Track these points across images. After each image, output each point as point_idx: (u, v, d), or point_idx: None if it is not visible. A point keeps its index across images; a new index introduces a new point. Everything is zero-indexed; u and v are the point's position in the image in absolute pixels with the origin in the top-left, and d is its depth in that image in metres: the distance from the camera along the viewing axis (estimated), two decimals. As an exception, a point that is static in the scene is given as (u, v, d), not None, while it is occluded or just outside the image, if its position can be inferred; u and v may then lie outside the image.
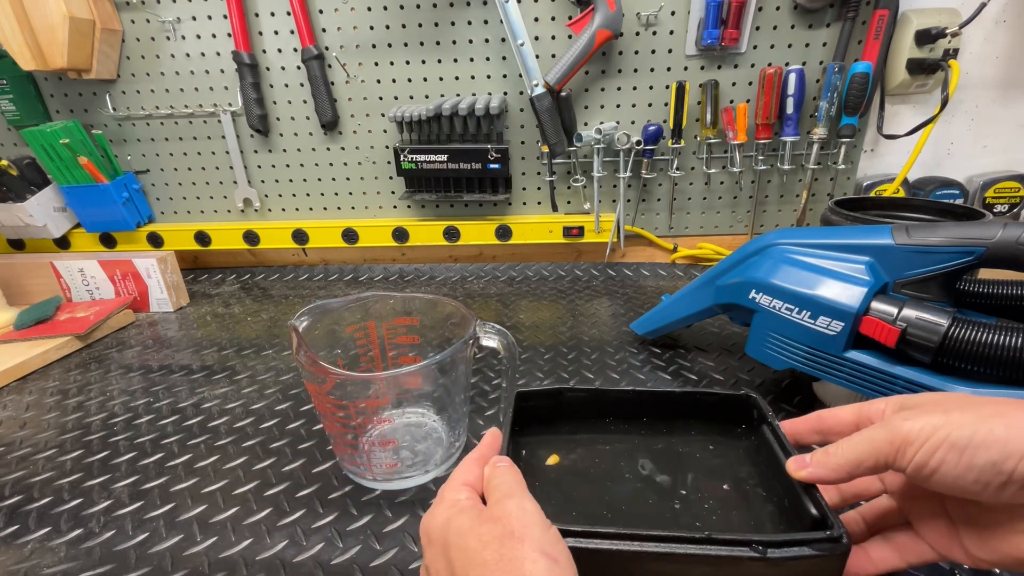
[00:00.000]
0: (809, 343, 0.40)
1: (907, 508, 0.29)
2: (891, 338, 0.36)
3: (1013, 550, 0.24)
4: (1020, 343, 0.33)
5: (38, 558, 0.36)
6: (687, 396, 0.40)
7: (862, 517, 0.31)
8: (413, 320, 0.46)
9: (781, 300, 0.40)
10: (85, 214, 0.84)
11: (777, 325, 0.41)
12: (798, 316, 0.39)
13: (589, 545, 0.28)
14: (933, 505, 0.28)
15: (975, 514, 0.25)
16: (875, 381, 0.38)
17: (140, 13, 0.76)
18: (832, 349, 0.39)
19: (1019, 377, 0.33)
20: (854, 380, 0.39)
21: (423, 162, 0.77)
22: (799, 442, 0.32)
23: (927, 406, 0.25)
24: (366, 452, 0.41)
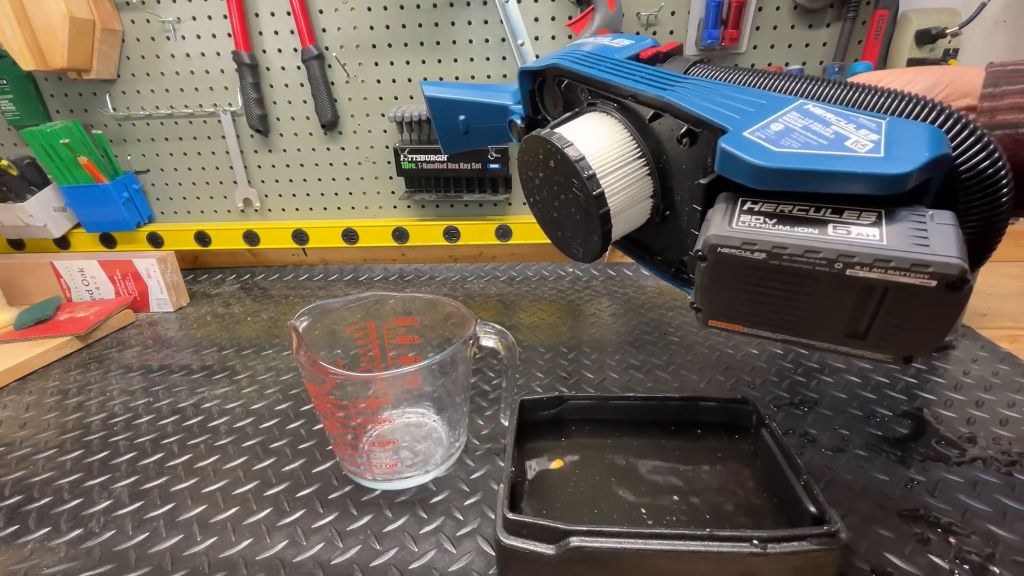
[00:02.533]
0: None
1: None
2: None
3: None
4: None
5: (38, 558, 0.36)
6: (687, 402, 0.41)
7: None
8: (413, 320, 0.46)
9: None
10: (85, 214, 0.84)
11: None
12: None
13: (594, 544, 0.28)
14: None
15: None
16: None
17: (140, 13, 0.76)
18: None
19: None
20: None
21: (423, 162, 0.77)
22: None
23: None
24: (366, 452, 0.41)
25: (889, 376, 0.52)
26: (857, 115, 0.24)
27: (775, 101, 0.26)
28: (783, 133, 0.24)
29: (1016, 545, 0.33)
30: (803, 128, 0.24)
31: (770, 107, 0.25)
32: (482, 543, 0.35)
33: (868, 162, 0.22)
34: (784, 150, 0.23)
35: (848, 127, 0.23)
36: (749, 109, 0.26)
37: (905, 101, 0.25)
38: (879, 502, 0.37)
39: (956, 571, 0.32)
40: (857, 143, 0.23)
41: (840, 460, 0.41)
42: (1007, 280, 0.75)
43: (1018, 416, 0.46)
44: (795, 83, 0.28)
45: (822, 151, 0.23)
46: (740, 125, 0.25)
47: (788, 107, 0.25)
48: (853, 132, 0.23)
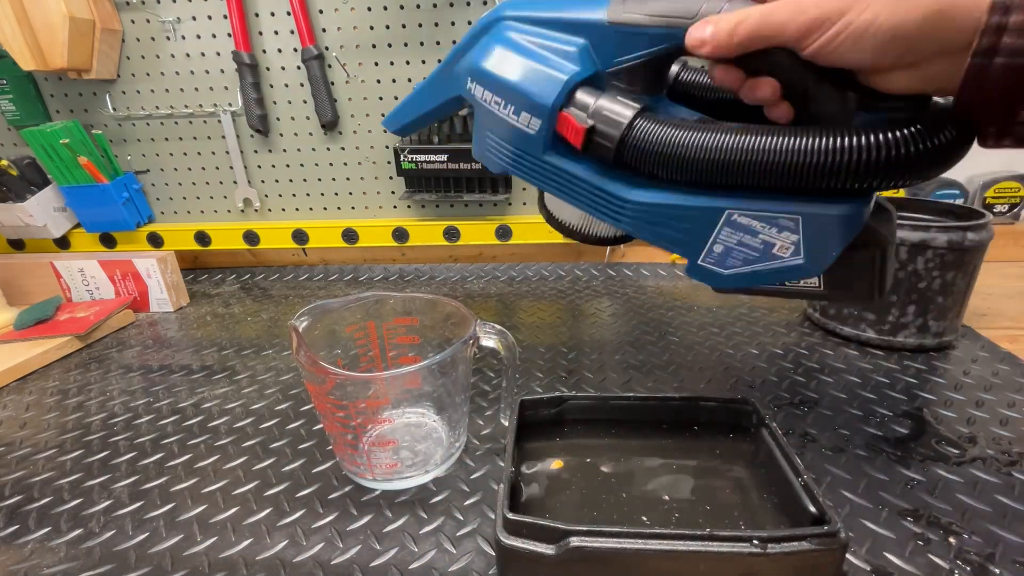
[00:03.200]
0: (515, 144, 0.34)
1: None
2: (578, 138, 0.30)
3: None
4: (700, 141, 0.28)
5: (38, 558, 0.36)
6: (687, 402, 0.41)
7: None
8: (413, 320, 0.46)
9: (491, 92, 0.33)
10: (85, 214, 0.84)
11: (489, 123, 0.34)
12: (504, 112, 0.33)
13: (594, 544, 0.28)
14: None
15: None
16: (573, 186, 0.33)
17: (140, 13, 0.76)
18: (533, 151, 0.33)
19: (693, 178, 0.29)
20: (556, 186, 0.34)
21: (423, 162, 0.77)
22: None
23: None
24: (366, 452, 0.41)
25: (889, 376, 0.52)
26: (777, 218, 0.28)
27: (707, 217, 0.30)
28: (725, 254, 0.30)
29: (1016, 545, 0.33)
30: (738, 244, 0.30)
31: (706, 227, 0.30)
32: (482, 543, 0.35)
33: (793, 270, 0.29)
34: (731, 271, 0.31)
35: (772, 232, 0.29)
36: (693, 234, 0.31)
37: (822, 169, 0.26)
38: (879, 502, 0.37)
39: (956, 571, 0.32)
40: (782, 248, 0.29)
41: (840, 460, 0.41)
42: (1007, 280, 0.75)
43: (1018, 416, 0.46)
44: (731, 157, 0.28)
45: (759, 265, 0.30)
46: (693, 255, 0.31)
47: (720, 224, 0.30)
48: (776, 237, 0.29)
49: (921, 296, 0.53)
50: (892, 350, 0.56)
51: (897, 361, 0.55)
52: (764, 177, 0.27)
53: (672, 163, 0.29)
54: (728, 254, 0.30)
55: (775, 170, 0.26)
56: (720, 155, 0.27)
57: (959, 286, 0.53)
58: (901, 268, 0.52)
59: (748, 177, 0.27)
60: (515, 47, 0.33)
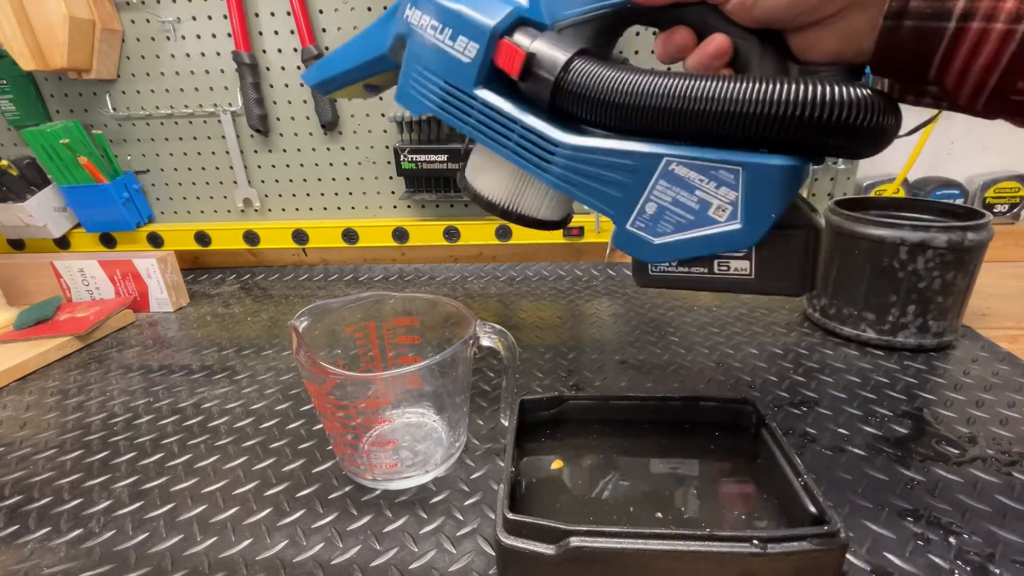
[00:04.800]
0: (445, 75, 0.32)
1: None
2: (516, 64, 0.29)
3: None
4: (643, 84, 0.27)
5: (38, 558, 0.36)
6: (687, 402, 0.41)
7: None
8: (413, 320, 0.46)
9: (429, 15, 0.32)
10: (85, 214, 0.84)
11: (422, 54, 0.33)
12: (440, 37, 0.31)
13: (594, 544, 0.28)
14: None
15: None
16: (501, 128, 0.32)
17: (140, 13, 0.76)
18: (464, 83, 0.32)
19: (631, 122, 0.28)
20: (483, 129, 0.32)
21: (423, 162, 0.77)
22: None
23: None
24: (366, 452, 0.41)
25: (889, 376, 0.52)
26: (717, 168, 0.27)
27: (644, 166, 0.28)
28: (657, 216, 0.29)
29: (1016, 545, 0.33)
30: (672, 203, 0.28)
31: (640, 180, 0.29)
32: (482, 543, 0.35)
33: (728, 238, 0.28)
34: (663, 239, 0.29)
35: (710, 187, 0.27)
36: (626, 188, 0.29)
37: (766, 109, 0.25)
38: (879, 502, 0.37)
39: (956, 571, 0.32)
40: (719, 209, 0.28)
41: (840, 460, 0.41)
42: (1007, 280, 0.75)
43: (1018, 416, 0.46)
44: (667, 101, 0.27)
45: (692, 232, 0.29)
46: (622, 217, 0.30)
47: (655, 176, 0.28)
48: (713, 193, 0.27)
49: (921, 296, 0.53)
50: (892, 350, 0.56)
51: (897, 361, 0.55)
52: (707, 125, 0.26)
53: (611, 108, 0.28)
54: (660, 216, 0.29)
55: (718, 118, 0.26)
56: (663, 101, 0.26)
57: (959, 286, 0.53)
58: (901, 268, 0.53)
59: (690, 124, 0.27)
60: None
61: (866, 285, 0.55)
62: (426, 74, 0.33)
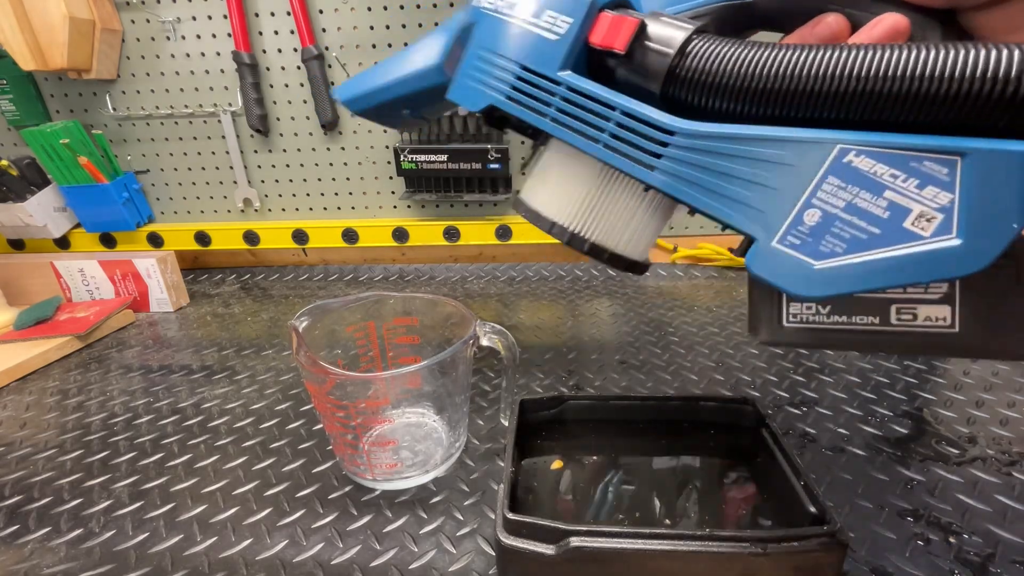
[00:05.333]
0: (522, 57, 0.26)
1: None
2: (624, 36, 0.23)
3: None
4: (802, 60, 0.19)
5: (38, 558, 0.36)
6: (687, 402, 0.41)
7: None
8: (413, 320, 0.46)
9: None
10: (85, 214, 0.84)
11: (493, 37, 0.27)
12: (520, 14, 0.26)
13: (594, 544, 0.28)
14: None
15: None
16: (592, 118, 0.25)
17: (140, 13, 0.76)
18: (547, 65, 0.25)
19: (796, 117, 0.21)
20: (565, 119, 0.26)
21: (423, 162, 0.77)
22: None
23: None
24: (366, 452, 0.41)
25: (889, 376, 0.52)
26: (921, 158, 0.18)
27: (806, 158, 0.20)
28: (822, 228, 0.20)
29: (1016, 545, 0.33)
30: (846, 209, 0.19)
31: (798, 178, 0.20)
32: (482, 543, 0.35)
33: (941, 259, 0.18)
34: (828, 264, 0.20)
35: (908, 186, 0.18)
36: (771, 191, 0.20)
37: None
38: (879, 502, 0.37)
39: (956, 571, 0.32)
40: (921, 218, 0.18)
41: (840, 460, 0.41)
42: (1007, 280, 0.75)
43: (1018, 416, 0.46)
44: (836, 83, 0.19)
45: (877, 253, 0.19)
46: (765, 227, 0.21)
47: (822, 171, 0.20)
48: (915, 196, 0.18)
49: (921, 296, 0.53)
50: (892, 350, 0.56)
51: (897, 361, 0.55)
52: (903, 110, 0.18)
53: (758, 94, 0.20)
54: (827, 228, 0.20)
55: (923, 99, 0.18)
56: (837, 82, 0.19)
57: (959, 286, 0.53)
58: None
59: (877, 111, 0.19)
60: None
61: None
62: (494, 59, 0.27)
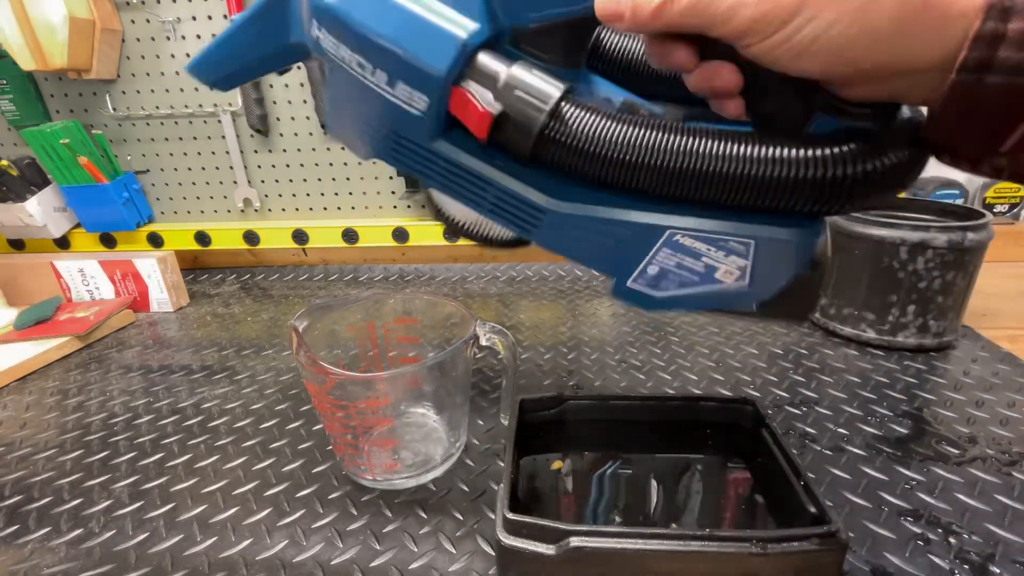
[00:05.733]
0: (391, 125, 0.25)
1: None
2: (482, 128, 0.23)
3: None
4: (644, 140, 0.22)
5: (38, 558, 0.36)
6: (687, 402, 0.41)
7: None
8: (413, 320, 0.46)
9: (349, 47, 0.24)
10: (85, 214, 0.84)
11: (352, 92, 0.25)
12: (373, 79, 0.24)
13: (594, 544, 0.28)
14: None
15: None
16: (473, 187, 0.26)
17: (140, 13, 0.76)
18: (418, 136, 0.25)
19: (631, 186, 0.24)
20: (450, 185, 0.26)
21: (423, 162, 0.77)
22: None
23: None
24: (366, 452, 0.41)
25: (889, 376, 0.52)
26: (727, 239, 0.24)
27: (646, 236, 0.25)
28: (660, 276, 0.26)
29: (1016, 545, 0.33)
30: (676, 266, 0.25)
31: (641, 246, 0.25)
32: (482, 543, 0.35)
33: (735, 296, 0.25)
34: (664, 294, 0.26)
35: (718, 256, 0.24)
36: (623, 253, 0.26)
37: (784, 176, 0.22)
38: (879, 502, 0.37)
39: (956, 571, 0.32)
40: (726, 272, 0.25)
41: (840, 460, 0.41)
42: (1007, 280, 0.75)
43: (1018, 416, 0.46)
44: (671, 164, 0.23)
45: (696, 289, 0.25)
46: (621, 276, 0.27)
47: (658, 244, 0.25)
48: (722, 261, 0.24)
49: (921, 296, 0.53)
50: (892, 350, 0.56)
51: (897, 361, 0.55)
52: (718, 190, 0.23)
53: (606, 165, 0.23)
54: (663, 277, 0.26)
55: (733, 183, 0.22)
56: (668, 160, 0.22)
57: (959, 286, 0.53)
58: (901, 268, 0.52)
59: (699, 189, 0.23)
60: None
61: (866, 285, 0.55)
62: (367, 118, 0.26)
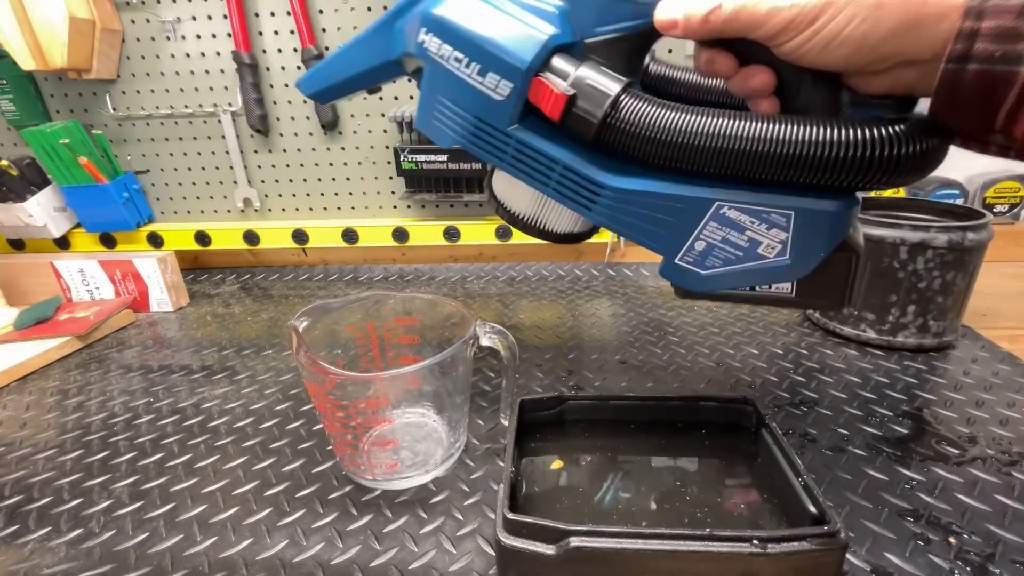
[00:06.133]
0: (475, 111, 0.30)
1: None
2: (556, 108, 0.28)
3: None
4: (694, 124, 0.26)
5: (38, 558, 0.36)
6: (687, 402, 0.41)
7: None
8: (413, 320, 0.46)
9: (451, 45, 0.29)
10: (85, 214, 0.84)
11: (445, 86, 0.30)
12: (467, 71, 0.29)
13: (594, 544, 0.28)
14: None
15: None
16: (540, 167, 0.30)
17: (140, 13, 0.76)
18: (498, 121, 0.30)
19: (683, 165, 0.28)
20: (520, 166, 0.31)
21: (423, 162, 0.77)
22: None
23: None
24: (366, 452, 0.41)
25: (889, 376, 0.52)
26: (769, 212, 0.28)
27: (695, 209, 0.29)
28: (706, 252, 0.29)
29: (1016, 545, 0.34)
30: (722, 241, 0.29)
31: (690, 220, 0.29)
32: (482, 543, 0.35)
33: (778, 271, 0.29)
34: (711, 271, 0.30)
35: (761, 228, 0.28)
36: (674, 228, 0.30)
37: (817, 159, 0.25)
38: (879, 502, 0.37)
39: (956, 571, 0.32)
40: (768, 247, 0.28)
41: (840, 460, 0.41)
42: (1007, 280, 0.75)
43: (1018, 416, 0.46)
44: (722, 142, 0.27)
45: (740, 265, 0.29)
46: (670, 252, 0.30)
47: (706, 218, 0.29)
48: (765, 234, 0.28)
49: (921, 296, 0.53)
50: (892, 350, 0.56)
51: (897, 361, 0.55)
52: (761, 167, 0.26)
53: (661, 147, 0.27)
54: (709, 252, 0.29)
55: (774, 160, 0.25)
56: (715, 141, 0.26)
57: (959, 286, 0.53)
58: (901, 268, 0.53)
59: (744, 166, 0.26)
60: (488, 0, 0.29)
61: (866, 285, 0.55)
62: (452, 107, 0.31)
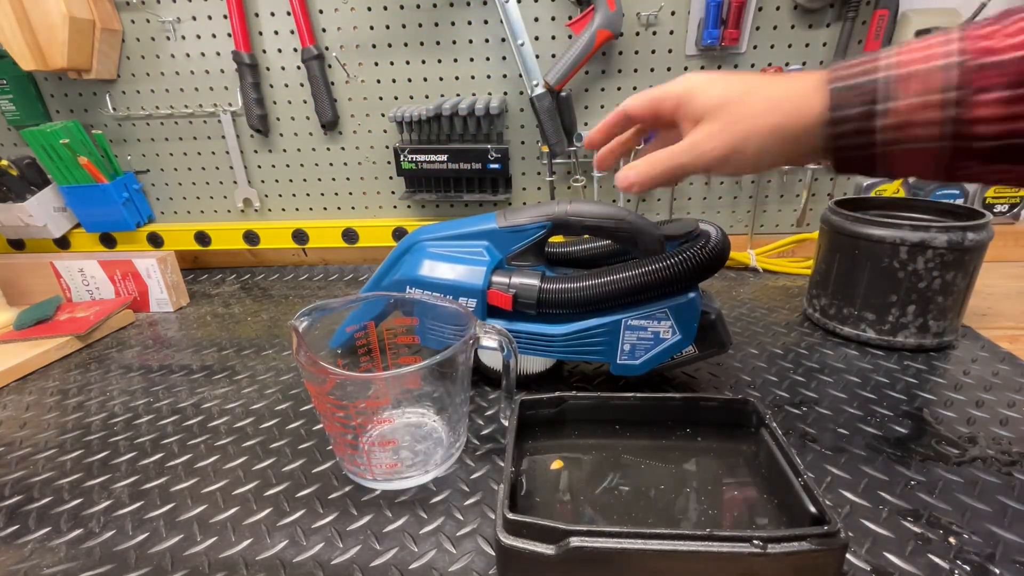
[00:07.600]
0: (456, 322, 0.44)
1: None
2: (508, 303, 0.45)
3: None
4: (590, 285, 0.44)
5: (38, 558, 0.36)
6: (687, 402, 0.41)
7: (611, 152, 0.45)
8: (413, 320, 0.46)
9: (430, 290, 0.47)
10: (85, 214, 0.84)
11: (432, 312, 0.45)
12: (444, 302, 0.44)
13: (594, 544, 0.28)
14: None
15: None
16: (515, 338, 0.45)
17: (140, 13, 0.76)
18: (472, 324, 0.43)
19: (594, 309, 0.45)
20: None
21: (423, 162, 0.77)
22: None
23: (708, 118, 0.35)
24: (366, 452, 0.41)
25: (889, 376, 0.52)
26: (654, 313, 0.44)
27: (614, 328, 0.45)
28: (632, 350, 0.46)
29: (1016, 545, 0.33)
30: (638, 339, 0.45)
31: (614, 336, 0.45)
32: (482, 543, 0.35)
33: (677, 343, 0.45)
34: (641, 359, 0.46)
35: (654, 324, 0.45)
36: (607, 344, 0.46)
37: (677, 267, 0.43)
38: (879, 502, 0.37)
39: (956, 571, 0.32)
40: (665, 332, 0.45)
41: (840, 460, 0.41)
42: (1007, 280, 0.75)
43: (1018, 416, 0.46)
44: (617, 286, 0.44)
45: (656, 349, 0.46)
46: (612, 358, 0.47)
47: (622, 330, 0.45)
48: (659, 326, 0.45)
49: (921, 296, 0.53)
50: (892, 350, 0.56)
51: (897, 361, 0.55)
52: (638, 295, 0.43)
53: (576, 303, 0.44)
54: (635, 349, 0.46)
55: (642, 289, 0.43)
56: (605, 289, 0.43)
57: (959, 286, 0.53)
58: (901, 268, 0.53)
59: (627, 298, 0.43)
60: (439, 257, 0.48)
61: (866, 285, 0.55)
62: (441, 324, 0.46)
